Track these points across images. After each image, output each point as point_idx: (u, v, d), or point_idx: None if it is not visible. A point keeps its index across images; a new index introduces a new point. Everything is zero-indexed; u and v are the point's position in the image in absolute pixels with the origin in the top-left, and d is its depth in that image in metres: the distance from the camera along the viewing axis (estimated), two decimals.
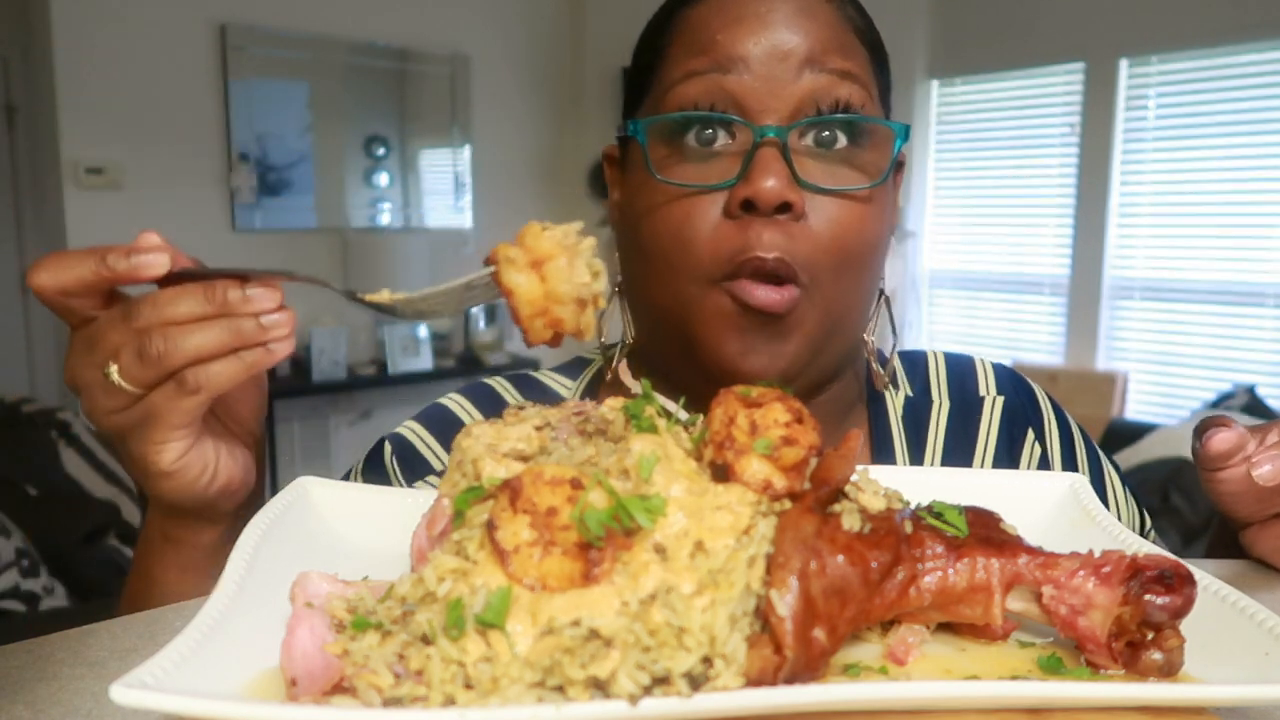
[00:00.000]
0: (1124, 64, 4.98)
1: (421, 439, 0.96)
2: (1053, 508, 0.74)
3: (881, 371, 0.95)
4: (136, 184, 4.86)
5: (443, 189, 6.08)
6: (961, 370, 1.02)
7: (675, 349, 0.86)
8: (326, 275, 5.07)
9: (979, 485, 0.73)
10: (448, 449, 0.94)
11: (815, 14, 0.81)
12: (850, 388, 0.96)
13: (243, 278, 0.65)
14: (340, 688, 0.48)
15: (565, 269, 0.62)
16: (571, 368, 1.05)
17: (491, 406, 0.99)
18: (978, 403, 0.99)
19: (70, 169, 4.69)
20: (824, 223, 0.79)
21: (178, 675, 0.45)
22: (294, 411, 5.37)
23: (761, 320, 0.79)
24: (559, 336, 0.64)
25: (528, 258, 0.63)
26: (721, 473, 0.56)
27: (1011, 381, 1.02)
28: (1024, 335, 5.61)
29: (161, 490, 0.71)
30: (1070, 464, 0.99)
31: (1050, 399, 1.03)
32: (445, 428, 0.97)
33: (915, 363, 1.03)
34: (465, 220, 6.10)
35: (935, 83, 5.73)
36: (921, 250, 5.91)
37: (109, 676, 0.61)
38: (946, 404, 0.99)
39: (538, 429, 0.63)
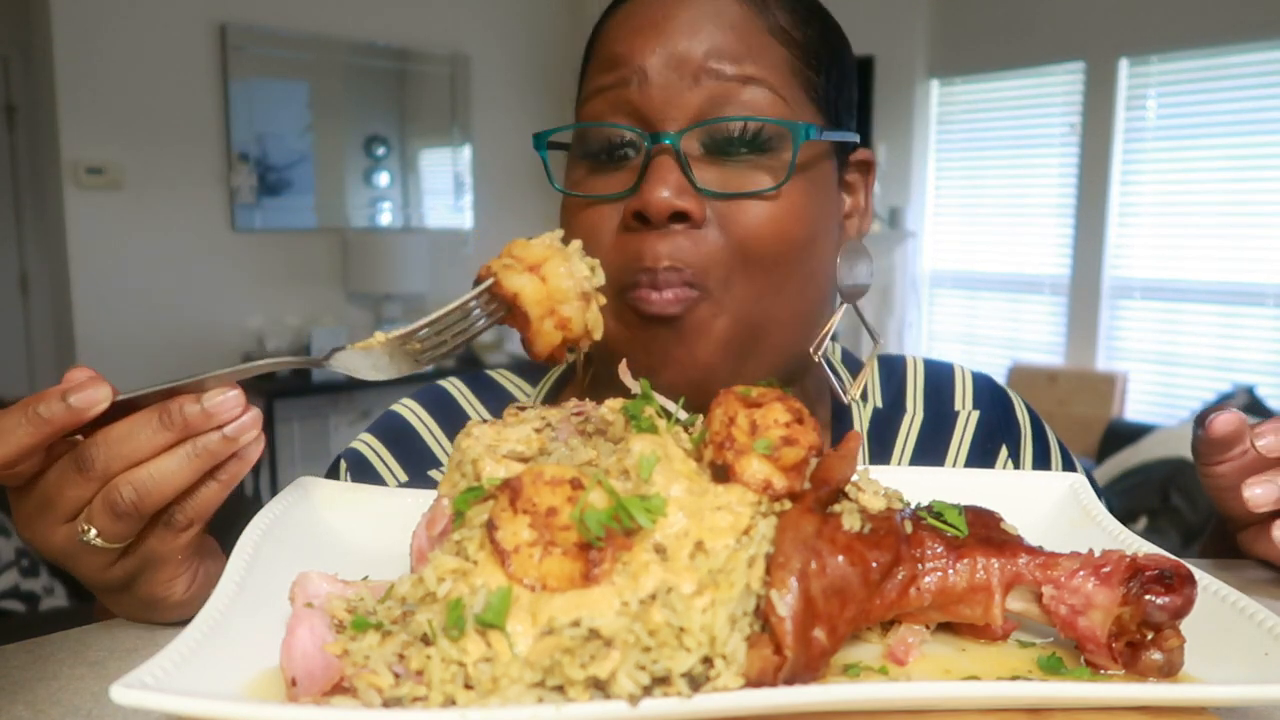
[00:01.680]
0: (1124, 64, 4.99)
1: (375, 451, 0.95)
2: (1053, 508, 0.74)
3: (839, 385, 0.90)
4: (136, 184, 4.86)
5: (443, 189, 6.08)
6: (939, 381, 0.99)
7: (607, 366, 0.85)
8: (326, 275, 5.04)
9: (979, 485, 0.73)
10: (400, 459, 0.94)
11: (719, 18, 0.78)
12: (803, 398, 0.91)
13: (195, 387, 0.59)
14: (340, 688, 0.48)
15: (563, 266, 0.63)
16: (529, 371, 1.02)
17: (444, 411, 0.97)
18: (951, 417, 0.97)
19: (70, 169, 4.70)
20: (728, 227, 0.77)
21: (178, 675, 0.45)
22: (294, 411, 5.37)
23: (662, 320, 0.77)
24: (564, 344, 0.64)
25: (522, 264, 0.63)
26: (721, 473, 0.56)
27: (990, 394, 0.99)
28: (1024, 335, 5.61)
29: (175, 616, 0.68)
30: (1042, 465, 0.97)
31: (1030, 411, 1.00)
32: (397, 436, 0.96)
33: (893, 370, 0.99)
34: (465, 220, 6.11)
35: (935, 83, 5.74)
36: (921, 250, 5.91)
37: (109, 676, 0.61)
38: (920, 416, 0.96)
39: (537, 430, 0.63)
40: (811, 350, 0.85)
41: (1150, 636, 0.53)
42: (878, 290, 5.77)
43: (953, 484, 0.71)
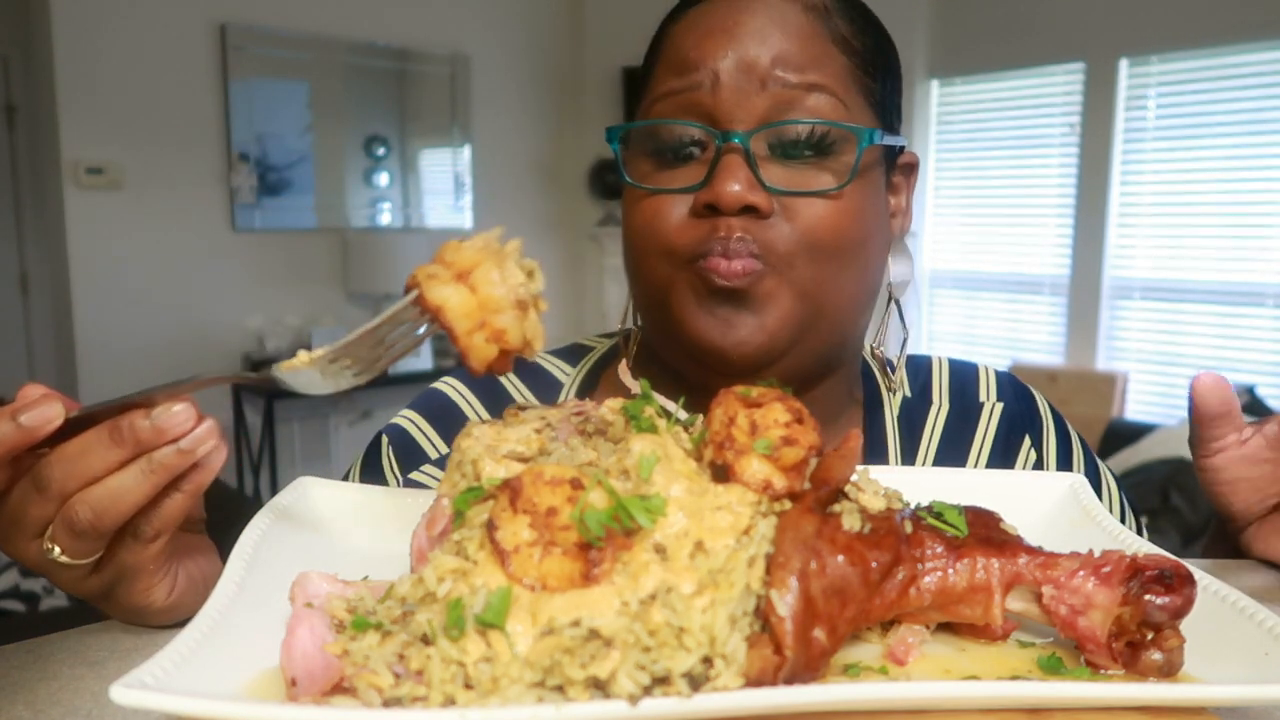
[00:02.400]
0: (1124, 64, 4.98)
1: (419, 427, 0.97)
2: (1053, 508, 0.74)
3: (890, 376, 0.97)
4: (136, 184, 4.86)
5: (443, 189, 6.08)
6: (964, 376, 1.03)
7: (665, 337, 0.89)
8: (326, 275, 5.04)
9: (979, 485, 0.73)
10: (444, 436, 0.95)
11: (786, 26, 0.82)
12: (839, 389, 0.96)
13: (146, 401, 0.58)
14: (340, 688, 0.48)
15: (495, 273, 0.57)
16: (570, 353, 1.05)
17: (488, 389, 0.99)
18: (977, 408, 1.00)
19: (70, 169, 4.69)
20: (794, 220, 0.81)
21: (178, 675, 0.45)
22: (294, 411, 5.37)
23: (729, 294, 0.81)
24: (505, 355, 0.59)
25: (451, 271, 0.57)
26: (721, 473, 0.56)
27: (1013, 388, 1.03)
28: (1024, 335, 5.60)
29: (164, 620, 0.69)
30: (1064, 466, 1.00)
31: (1051, 408, 1.04)
32: (442, 414, 0.97)
33: (919, 367, 1.04)
34: (465, 220, 6.11)
35: (935, 83, 5.73)
36: (921, 250, 5.91)
37: (109, 676, 0.61)
38: (946, 407, 1.00)
39: (537, 431, 0.63)
40: (870, 343, 0.94)
41: (1150, 636, 0.53)
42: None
43: (953, 484, 0.71)
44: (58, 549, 0.61)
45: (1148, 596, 0.53)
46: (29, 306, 5.33)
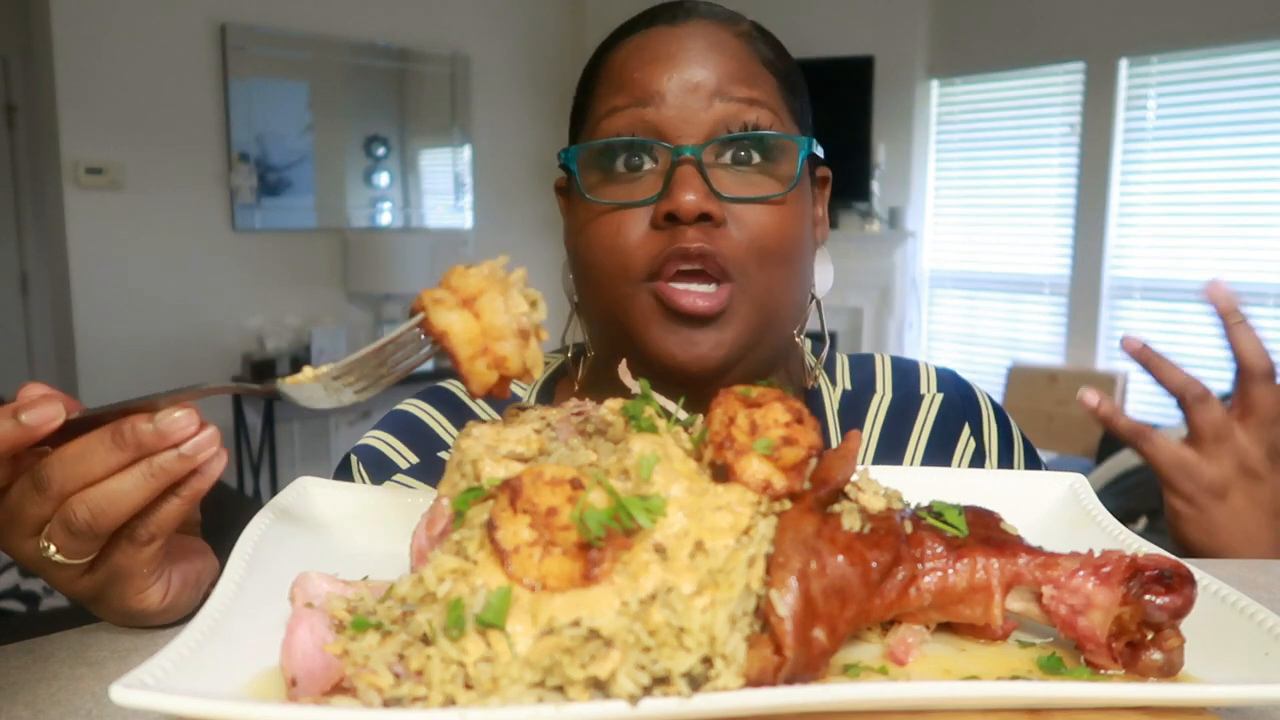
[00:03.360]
0: (1124, 64, 4.99)
1: (388, 444, 0.99)
2: (1052, 508, 0.74)
3: (811, 367, 1.03)
4: (136, 184, 4.86)
5: (443, 189, 6.08)
6: (905, 369, 1.08)
7: (622, 352, 0.90)
8: (326, 275, 5.03)
9: (979, 485, 0.73)
10: (415, 450, 0.98)
11: (723, 49, 0.89)
12: (786, 381, 1.01)
13: (149, 406, 0.59)
14: (340, 688, 0.48)
15: (499, 301, 0.59)
16: None
17: (451, 408, 1.02)
18: (917, 399, 1.05)
19: (70, 169, 4.69)
20: (743, 227, 0.87)
21: (178, 675, 0.45)
22: (294, 412, 5.37)
23: (695, 319, 0.86)
24: (505, 381, 0.60)
25: (456, 297, 0.59)
26: (721, 473, 0.56)
27: (954, 381, 1.08)
28: (1024, 335, 5.60)
29: (157, 623, 0.69)
30: (1006, 462, 1.04)
31: (992, 401, 1.08)
32: (409, 430, 1.00)
33: (863, 362, 1.09)
34: (465, 220, 6.11)
35: (935, 83, 5.74)
36: (921, 250, 5.91)
37: (109, 676, 0.61)
38: (889, 397, 1.05)
39: (537, 431, 0.63)
40: (795, 332, 0.98)
41: (1150, 636, 0.53)
42: (878, 290, 5.77)
43: (953, 484, 0.71)
44: (53, 548, 0.61)
45: (1148, 596, 0.53)
46: (29, 306, 5.33)
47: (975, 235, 5.82)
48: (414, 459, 0.98)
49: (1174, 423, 4.46)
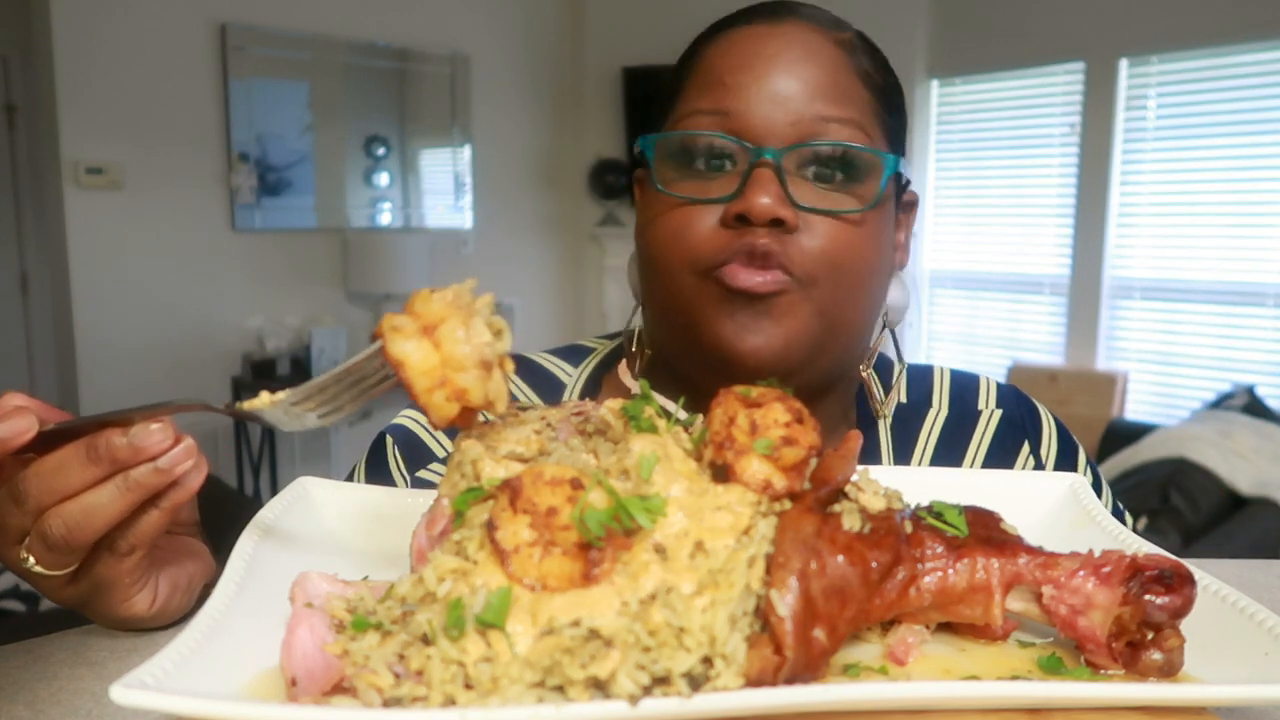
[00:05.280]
0: (1124, 64, 4.98)
1: (424, 425, 0.97)
2: (1052, 508, 0.74)
3: (882, 396, 0.99)
4: (136, 184, 4.86)
5: (443, 189, 6.08)
6: (964, 385, 1.04)
7: (681, 344, 0.90)
8: (326, 275, 5.02)
9: (979, 485, 0.73)
10: (450, 433, 0.94)
11: (819, 60, 0.85)
12: (836, 409, 0.98)
13: (124, 420, 0.58)
14: (340, 688, 0.48)
15: (460, 330, 0.56)
16: (570, 353, 1.06)
17: None
18: (974, 415, 1.02)
19: (70, 169, 4.69)
20: (816, 239, 0.84)
21: (178, 675, 0.45)
22: None
23: (749, 299, 0.83)
24: (468, 413, 0.58)
25: (417, 324, 0.56)
26: (721, 473, 0.56)
27: (1015, 397, 1.04)
28: (1024, 335, 5.60)
29: (149, 626, 0.69)
30: None
31: (1056, 420, 1.04)
32: None
33: (921, 375, 1.05)
34: (465, 220, 6.11)
35: (935, 83, 5.73)
36: (921, 250, 5.90)
37: (109, 676, 0.61)
38: (944, 412, 1.01)
39: (537, 432, 0.62)
40: (862, 368, 0.96)
41: (1150, 636, 0.53)
42: None
43: (953, 484, 0.71)
44: (32, 559, 0.61)
45: (1148, 596, 0.53)
46: (29, 306, 5.33)
47: (975, 235, 5.82)
48: (450, 446, 0.95)
49: (1173, 423, 4.46)
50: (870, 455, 0.97)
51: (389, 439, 0.96)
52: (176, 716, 0.42)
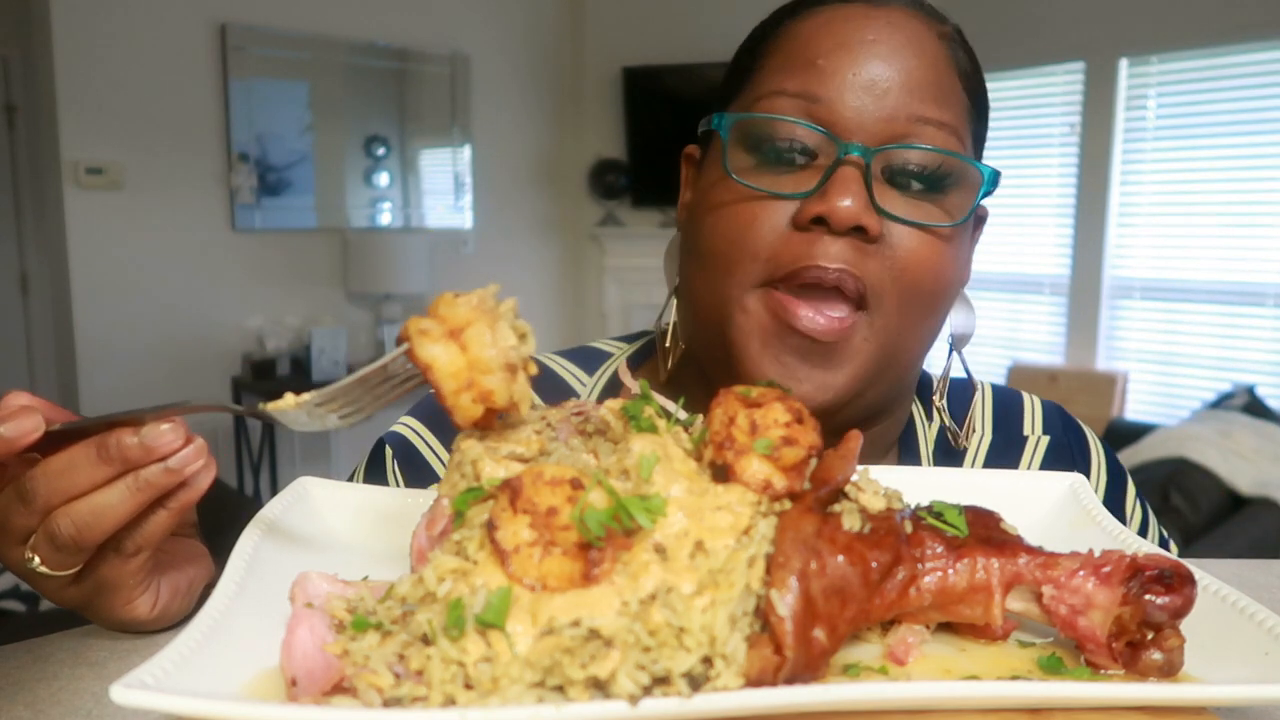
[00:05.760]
0: (1124, 64, 4.99)
1: (421, 437, 0.94)
2: (1053, 508, 0.74)
3: (959, 431, 0.91)
4: (136, 184, 4.86)
5: (443, 189, 6.08)
6: (1008, 406, 0.97)
7: (713, 354, 0.83)
8: (326, 275, 5.01)
9: (979, 485, 0.73)
10: (447, 445, 0.92)
11: (922, 51, 0.78)
12: (894, 427, 0.92)
13: (134, 420, 0.58)
14: (340, 688, 0.48)
15: (487, 334, 0.57)
16: (582, 358, 0.99)
17: None
18: (1020, 441, 0.95)
19: (70, 169, 4.69)
20: (899, 252, 0.76)
21: (178, 675, 0.45)
22: None
23: (807, 343, 0.76)
24: (491, 414, 0.59)
25: (443, 328, 0.57)
26: (721, 473, 0.56)
27: (1062, 421, 0.97)
28: (1024, 335, 5.61)
29: (147, 629, 0.69)
30: (1116, 511, 0.93)
31: (1104, 446, 0.97)
32: (444, 420, 0.95)
33: (960, 394, 0.97)
34: (465, 220, 6.11)
35: None
36: None
37: (109, 676, 0.61)
38: (988, 438, 0.95)
39: (537, 432, 0.62)
40: (936, 398, 0.89)
41: (1150, 636, 0.53)
42: None
43: (953, 484, 0.71)
44: (37, 559, 0.61)
45: (1148, 596, 0.53)
46: (29, 306, 5.33)
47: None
48: (438, 447, 0.92)
49: (1173, 423, 4.46)
50: None
51: (388, 450, 0.93)
52: (176, 716, 0.42)
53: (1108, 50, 4.99)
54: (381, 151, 5.77)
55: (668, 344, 0.91)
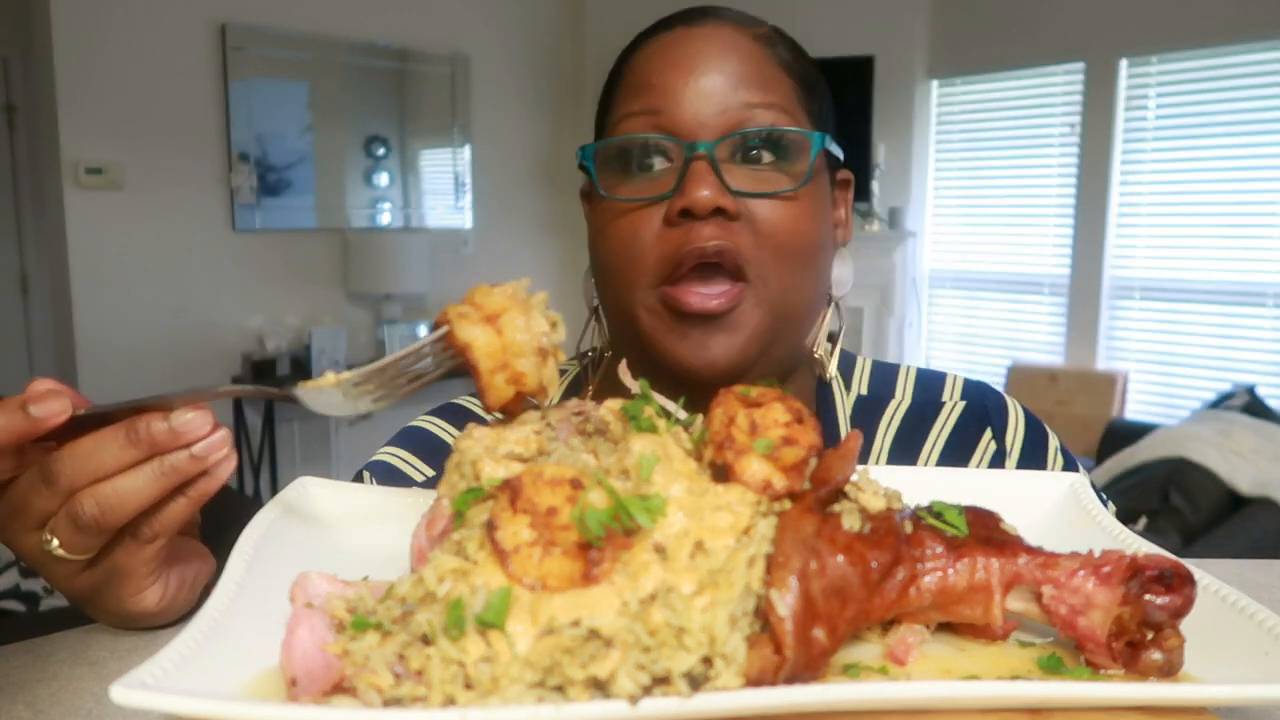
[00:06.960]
0: (1124, 64, 4.99)
1: (402, 459, 0.99)
2: (1053, 508, 0.74)
3: (827, 363, 1.01)
4: (136, 184, 4.86)
5: (443, 189, 6.08)
6: (930, 380, 1.06)
7: (637, 355, 0.91)
8: (326, 275, 5.02)
9: (979, 485, 0.73)
10: (430, 464, 0.97)
11: (740, 52, 0.89)
12: (805, 387, 1.00)
13: (162, 405, 0.59)
14: (340, 688, 0.48)
15: (520, 320, 0.61)
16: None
17: (465, 423, 0.99)
18: (936, 406, 1.03)
19: (70, 169, 4.69)
20: (758, 224, 0.86)
21: (178, 675, 0.45)
22: (294, 412, 5.36)
23: (703, 318, 0.85)
24: (519, 397, 0.62)
25: (480, 313, 0.61)
26: (721, 473, 0.56)
27: (980, 391, 1.04)
28: (1024, 335, 5.61)
29: (149, 624, 0.69)
30: (1038, 464, 0.99)
31: (1026, 410, 1.04)
32: (423, 445, 1.00)
33: (885, 372, 1.07)
34: (465, 220, 6.11)
35: (935, 83, 5.73)
36: (921, 250, 5.91)
37: (109, 676, 0.61)
38: (907, 403, 1.03)
39: (537, 432, 0.63)
40: (813, 344, 0.98)
41: (1150, 636, 0.53)
42: (877, 290, 5.77)
43: (953, 484, 0.71)
44: (56, 541, 0.61)
45: (1148, 596, 0.53)
46: (29, 306, 5.33)
47: (975, 235, 5.82)
48: (429, 471, 0.97)
49: (1173, 423, 4.46)
50: (829, 442, 0.97)
51: (366, 474, 0.97)
52: (176, 716, 0.42)
53: (1108, 50, 4.99)
54: (381, 151, 5.77)
55: (589, 358, 1.03)
